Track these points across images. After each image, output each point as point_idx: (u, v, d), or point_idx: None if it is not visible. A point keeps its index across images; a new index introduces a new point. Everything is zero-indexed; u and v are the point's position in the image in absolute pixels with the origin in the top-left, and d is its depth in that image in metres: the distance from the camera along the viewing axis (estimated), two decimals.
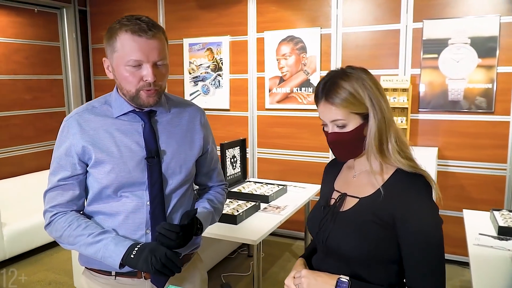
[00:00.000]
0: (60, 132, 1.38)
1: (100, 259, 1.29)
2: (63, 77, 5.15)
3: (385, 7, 3.78)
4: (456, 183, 3.68)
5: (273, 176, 4.28)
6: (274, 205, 3.00)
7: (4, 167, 4.44)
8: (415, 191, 1.15)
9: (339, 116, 1.17)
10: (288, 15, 4.18)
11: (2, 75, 4.44)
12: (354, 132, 1.18)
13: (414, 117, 3.75)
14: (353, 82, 1.17)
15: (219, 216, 1.62)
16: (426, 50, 3.65)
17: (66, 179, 1.35)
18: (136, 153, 1.36)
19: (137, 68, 1.28)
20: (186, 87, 4.73)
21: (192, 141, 1.48)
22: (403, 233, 1.13)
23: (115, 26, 1.29)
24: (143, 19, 1.29)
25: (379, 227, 1.15)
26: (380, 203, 1.17)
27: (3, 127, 4.46)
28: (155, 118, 1.42)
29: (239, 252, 3.98)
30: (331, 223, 1.24)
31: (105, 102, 1.42)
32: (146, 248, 1.25)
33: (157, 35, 1.29)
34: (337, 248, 1.22)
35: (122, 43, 1.27)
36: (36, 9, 4.76)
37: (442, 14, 3.58)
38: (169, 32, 4.72)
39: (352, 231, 1.19)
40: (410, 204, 1.13)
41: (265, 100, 4.35)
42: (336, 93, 1.16)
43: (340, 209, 1.26)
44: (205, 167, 1.58)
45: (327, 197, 1.34)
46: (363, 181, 1.25)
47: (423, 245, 1.11)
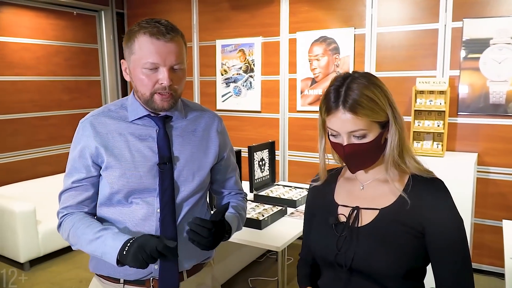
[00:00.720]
0: (76, 134, 1.38)
1: (100, 256, 1.25)
2: (100, 79, 5.29)
3: (422, 6, 3.63)
4: (496, 191, 3.48)
5: (303, 179, 4.20)
6: (301, 210, 2.93)
7: (42, 166, 4.60)
8: (439, 196, 1.11)
9: (360, 126, 1.08)
10: (321, 15, 4.09)
11: (42, 76, 4.60)
12: (374, 142, 1.11)
13: (452, 121, 3.57)
14: (372, 88, 1.09)
15: (243, 224, 1.58)
16: (466, 51, 3.47)
17: (80, 181, 1.35)
18: (148, 158, 1.34)
19: (153, 71, 1.26)
20: (218, 88, 4.74)
21: (207, 148, 1.45)
22: (432, 237, 1.09)
23: (134, 28, 1.28)
24: (162, 22, 1.27)
25: (412, 237, 1.10)
26: (408, 211, 1.10)
27: (42, 126, 4.62)
28: (170, 123, 1.40)
29: (268, 256, 3.93)
30: (354, 241, 1.14)
31: (122, 106, 1.41)
32: (135, 243, 1.17)
33: (175, 39, 1.27)
34: (368, 268, 1.12)
35: (140, 45, 1.26)
36: (75, 12, 4.90)
37: (483, 13, 3.39)
38: (202, 33, 4.76)
39: (382, 246, 1.10)
40: (438, 209, 1.10)
41: (297, 102, 4.28)
42: (356, 101, 1.06)
43: (356, 225, 1.16)
44: (220, 175, 1.54)
45: (329, 214, 1.21)
46: (377, 191, 1.17)
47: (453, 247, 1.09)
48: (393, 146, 1.12)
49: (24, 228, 3.63)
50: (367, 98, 1.07)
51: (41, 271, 3.74)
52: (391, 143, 1.12)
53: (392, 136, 1.12)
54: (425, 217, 1.09)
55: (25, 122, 4.47)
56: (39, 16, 4.56)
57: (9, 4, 4.27)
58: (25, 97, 4.45)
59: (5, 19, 4.25)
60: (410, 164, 1.14)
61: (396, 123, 1.11)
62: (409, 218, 1.09)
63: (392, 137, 1.12)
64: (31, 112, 4.52)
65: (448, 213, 1.09)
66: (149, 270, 1.35)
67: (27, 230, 3.65)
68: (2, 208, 3.71)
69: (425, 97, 3.49)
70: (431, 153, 3.42)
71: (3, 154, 4.29)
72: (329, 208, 1.24)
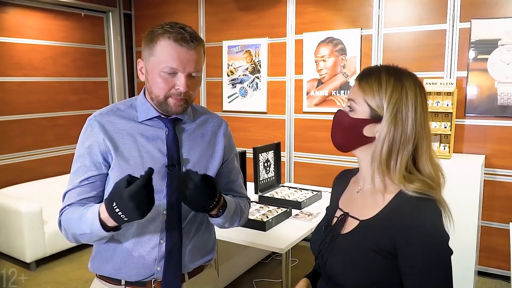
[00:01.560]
0: (83, 132, 1.37)
1: (91, 233, 1.22)
2: (108, 79, 5.31)
3: (430, 7, 3.60)
4: (504, 193, 3.44)
5: (309, 181, 4.19)
6: (306, 212, 2.92)
7: (49, 166, 4.63)
8: (417, 216, 1.01)
9: (355, 97, 1.10)
10: (327, 16, 4.07)
11: (50, 77, 4.63)
12: (355, 121, 1.09)
13: (459, 122, 3.54)
14: (392, 81, 1.06)
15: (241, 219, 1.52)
16: (474, 52, 3.44)
17: (89, 178, 1.33)
18: (157, 160, 1.33)
19: (171, 75, 1.27)
20: (224, 89, 4.74)
21: (213, 152, 1.46)
22: (403, 262, 1.01)
23: (157, 30, 1.28)
24: (187, 29, 1.28)
25: (380, 257, 1.03)
26: (380, 230, 1.05)
27: (50, 127, 4.65)
28: (180, 126, 1.40)
29: (273, 257, 3.92)
30: (330, 247, 1.14)
31: (131, 106, 1.40)
32: (120, 199, 1.12)
33: (197, 48, 1.28)
34: (334, 276, 1.12)
35: (162, 49, 1.26)
36: (83, 13, 4.93)
37: (491, 14, 3.35)
38: (208, 34, 4.76)
39: (350, 259, 1.08)
40: (410, 232, 1.00)
41: (303, 103, 4.27)
42: (368, 76, 1.09)
43: (340, 231, 1.15)
44: (223, 178, 1.53)
45: (331, 215, 1.23)
46: (366, 200, 1.14)
47: (424, 274, 0.98)
48: (376, 144, 1.07)
49: (31, 228, 3.65)
50: (377, 77, 1.07)
51: (47, 271, 3.76)
52: (377, 140, 1.07)
53: (380, 133, 1.06)
54: (397, 238, 1.01)
55: (33, 122, 4.50)
56: (47, 18, 4.60)
57: (17, 5, 4.31)
58: (33, 97, 4.49)
59: (14, 20, 4.29)
60: (397, 179, 1.05)
61: (391, 126, 1.04)
62: (381, 236, 1.04)
63: (380, 135, 1.06)
64: (39, 113, 4.55)
65: (421, 235, 0.98)
66: (152, 272, 1.35)
67: (34, 230, 3.67)
68: (9, 208, 3.74)
69: (432, 98, 3.46)
70: (438, 155, 3.38)
71: (11, 154, 4.32)
72: (333, 208, 1.26)
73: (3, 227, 3.82)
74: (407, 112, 1.05)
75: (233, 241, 2.52)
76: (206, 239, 1.47)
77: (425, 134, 1.07)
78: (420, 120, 1.06)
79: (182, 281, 1.40)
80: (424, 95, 1.10)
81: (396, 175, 1.05)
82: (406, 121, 1.05)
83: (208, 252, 1.48)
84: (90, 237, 1.24)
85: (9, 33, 4.26)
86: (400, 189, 1.06)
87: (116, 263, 1.35)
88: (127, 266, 1.34)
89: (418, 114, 1.06)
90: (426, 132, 1.08)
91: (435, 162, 1.09)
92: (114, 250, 1.36)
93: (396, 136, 1.05)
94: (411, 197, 1.04)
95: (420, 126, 1.06)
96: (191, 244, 1.40)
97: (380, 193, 1.09)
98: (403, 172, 1.05)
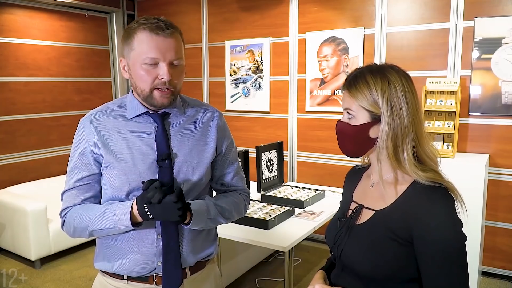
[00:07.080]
0: (76, 133, 1.40)
1: (113, 227, 1.28)
2: (111, 80, 5.34)
3: (433, 5, 3.59)
4: (508, 193, 3.42)
5: (312, 180, 4.19)
6: (309, 211, 2.92)
7: (53, 165, 4.66)
8: (433, 205, 1.04)
9: (351, 105, 1.13)
10: (330, 16, 4.07)
11: (53, 77, 4.66)
12: (359, 128, 1.13)
13: (463, 121, 3.53)
14: (378, 79, 1.10)
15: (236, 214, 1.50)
16: (477, 51, 3.43)
17: (82, 179, 1.36)
18: (147, 155, 1.34)
19: (153, 66, 1.27)
20: (227, 89, 4.75)
21: (206, 143, 1.44)
22: (420, 249, 1.04)
23: (132, 25, 1.30)
24: (160, 18, 1.29)
25: (396, 244, 1.06)
26: (396, 219, 1.08)
27: (54, 127, 4.68)
28: (169, 120, 1.40)
29: (276, 256, 3.92)
30: (346, 237, 1.17)
31: (121, 104, 1.42)
32: (153, 206, 1.20)
33: (174, 34, 1.29)
34: (351, 265, 1.14)
35: (140, 41, 1.26)
36: (87, 13, 4.95)
37: (495, 12, 3.34)
38: (211, 34, 4.78)
39: (366, 248, 1.11)
40: (427, 220, 1.03)
41: (306, 102, 4.27)
42: (355, 82, 1.13)
43: (355, 222, 1.18)
44: (217, 170, 1.51)
45: (345, 207, 1.27)
46: (380, 192, 1.16)
47: (441, 260, 1.01)
48: (382, 142, 1.10)
49: (36, 226, 3.68)
50: (364, 82, 1.11)
51: (52, 269, 3.79)
52: (380, 138, 1.11)
53: (382, 131, 1.10)
54: (414, 227, 1.04)
55: (37, 122, 4.53)
56: (52, 18, 4.62)
57: (22, 6, 4.33)
58: (38, 97, 4.52)
59: (19, 21, 4.32)
60: (409, 169, 1.09)
61: (389, 122, 1.09)
62: (396, 225, 1.07)
63: (382, 133, 1.10)
64: (43, 113, 4.58)
65: (438, 223, 1.02)
66: (152, 267, 1.36)
67: (39, 229, 3.70)
68: (15, 206, 3.77)
69: (435, 97, 3.45)
70: (442, 154, 3.38)
71: (16, 154, 4.36)
72: (346, 202, 1.29)
73: (9, 226, 3.85)
74: (400, 104, 1.10)
75: (236, 239, 2.52)
76: (205, 232, 1.47)
77: (420, 118, 1.13)
78: (413, 107, 1.11)
79: (184, 277, 1.40)
80: (410, 81, 1.14)
81: (407, 165, 1.10)
82: (401, 112, 1.10)
83: (209, 245, 1.48)
84: (107, 232, 1.31)
85: (15, 34, 4.29)
86: (414, 179, 1.10)
87: (117, 259, 1.37)
88: (128, 263, 1.36)
89: (409, 103, 1.10)
90: (420, 116, 1.13)
91: (430, 144, 1.15)
92: (115, 247, 1.38)
93: (397, 128, 1.09)
94: (426, 186, 1.07)
95: (414, 113, 1.11)
96: (189, 237, 1.40)
97: (393, 185, 1.13)
98: (412, 161, 1.10)
